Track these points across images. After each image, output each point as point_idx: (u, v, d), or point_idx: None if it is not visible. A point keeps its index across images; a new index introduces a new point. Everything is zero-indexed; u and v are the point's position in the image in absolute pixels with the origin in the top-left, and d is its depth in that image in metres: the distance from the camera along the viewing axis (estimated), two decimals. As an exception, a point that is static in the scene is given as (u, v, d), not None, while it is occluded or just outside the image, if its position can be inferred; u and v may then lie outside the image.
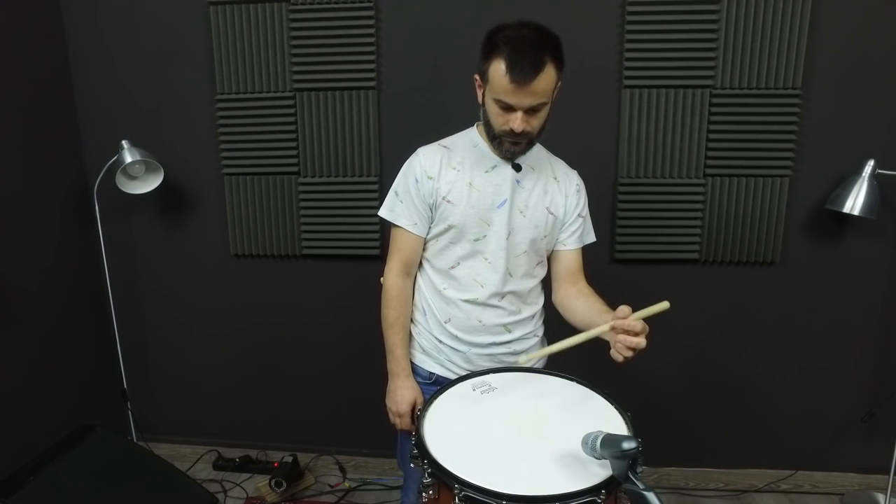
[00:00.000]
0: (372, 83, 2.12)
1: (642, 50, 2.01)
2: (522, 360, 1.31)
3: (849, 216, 2.00)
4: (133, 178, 2.16)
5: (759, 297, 2.21)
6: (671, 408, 2.32)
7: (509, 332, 1.45)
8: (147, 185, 2.16)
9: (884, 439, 2.20)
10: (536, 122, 1.27)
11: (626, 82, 2.04)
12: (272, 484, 2.25)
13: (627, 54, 2.02)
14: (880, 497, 2.22)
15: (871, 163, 1.96)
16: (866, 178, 1.96)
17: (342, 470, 2.46)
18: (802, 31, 1.96)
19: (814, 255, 2.16)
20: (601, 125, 2.10)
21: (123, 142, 2.08)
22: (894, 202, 2.07)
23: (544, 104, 1.24)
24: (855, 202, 1.96)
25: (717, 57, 2.00)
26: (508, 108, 1.23)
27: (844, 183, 2.00)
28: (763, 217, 2.12)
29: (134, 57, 2.22)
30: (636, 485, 0.87)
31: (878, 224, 2.07)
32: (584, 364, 1.40)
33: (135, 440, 2.41)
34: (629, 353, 1.12)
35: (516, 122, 1.23)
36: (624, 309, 1.14)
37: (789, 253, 2.16)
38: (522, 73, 1.17)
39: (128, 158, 2.06)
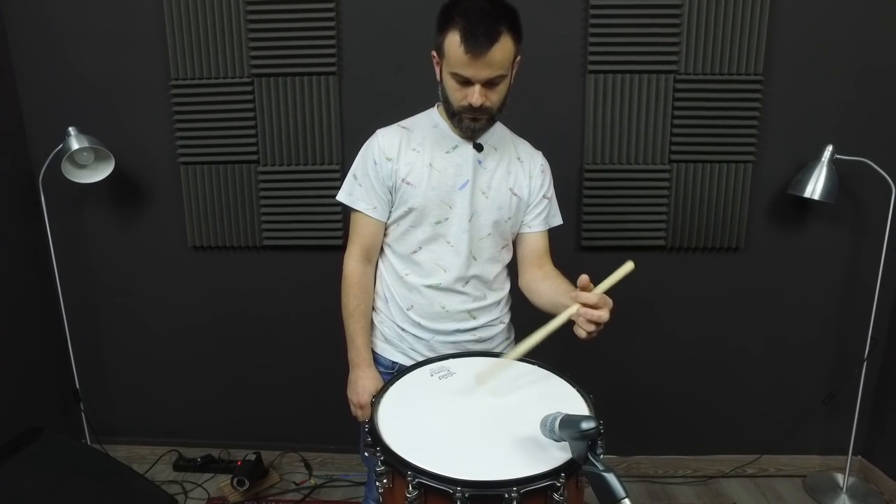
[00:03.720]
0: (333, 69, 2.07)
1: (607, 35, 2.00)
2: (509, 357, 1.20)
3: (810, 201, 2.03)
4: (82, 166, 2.07)
5: (724, 284, 2.23)
6: (639, 396, 2.33)
7: (474, 318, 1.42)
8: (97, 174, 2.07)
9: (843, 421, 2.24)
10: (496, 97, 1.23)
11: (591, 67, 2.03)
12: (234, 483, 2.18)
13: (592, 39, 2.01)
14: (839, 477, 2.26)
15: (830, 148, 1.98)
16: (825, 164, 1.98)
17: (308, 467, 2.40)
18: (763, 16, 1.97)
19: (777, 240, 2.19)
20: (566, 111, 2.09)
21: (70, 128, 1.99)
22: (852, 187, 2.11)
23: (503, 77, 1.20)
24: (815, 187, 1.98)
25: (680, 42, 2.00)
26: (466, 82, 1.20)
27: (805, 168, 2.02)
28: (727, 203, 2.13)
29: (81, 38, 2.11)
30: (596, 466, 0.84)
31: (837, 209, 2.11)
32: (550, 349, 1.37)
33: (88, 442, 2.31)
34: (591, 328, 1.08)
35: (474, 96, 1.19)
36: (584, 278, 1.09)
37: (753, 238, 2.18)
38: (478, 43, 1.13)
39: (75, 145, 1.96)
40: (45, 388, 2.33)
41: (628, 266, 1.09)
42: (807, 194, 1.98)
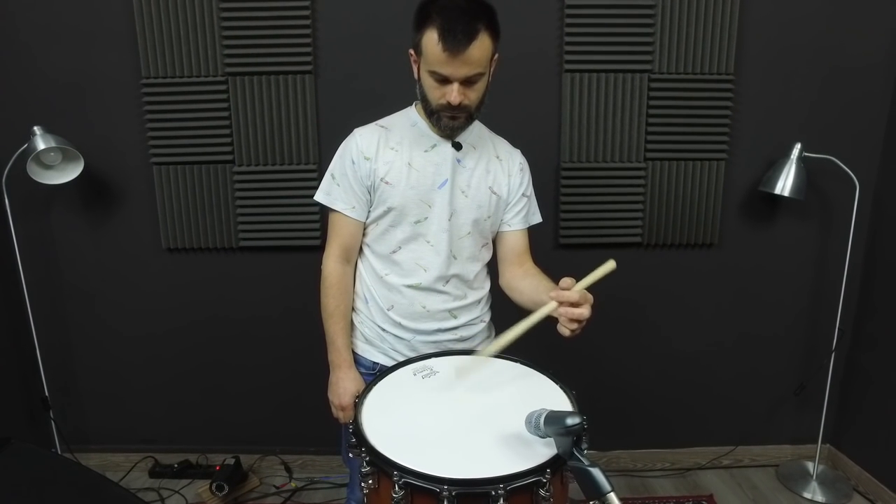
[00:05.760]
0: (308, 67, 2.04)
1: (582, 35, 2.02)
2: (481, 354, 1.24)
3: (780, 197, 2.08)
4: (49, 167, 2.00)
5: (699, 280, 2.27)
6: (617, 391, 2.36)
7: (455, 317, 1.41)
8: (65, 175, 2.01)
9: (813, 410, 2.31)
10: (474, 95, 1.23)
11: (567, 67, 2.04)
12: (213, 488, 2.14)
13: (567, 39, 2.02)
14: (810, 465, 2.33)
15: (798, 146, 2.04)
16: (794, 161, 2.04)
17: (288, 470, 2.37)
18: (733, 17, 2.02)
19: (750, 235, 2.24)
20: (543, 110, 2.10)
21: (36, 128, 1.92)
22: (819, 184, 2.17)
23: (481, 75, 1.20)
24: (785, 184, 2.03)
25: (654, 42, 2.03)
26: (444, 80, 1.19)
27: (775, 165, 2.08)
28: (702, 200, 2.17)
29: (46, 34, 2.04)
30: (581, 462, 0.85)
31: (806, 205, 2.17)
32: (531, 346, 1.38)
33: (59, 451, 2.24)
34: (574, 326, 1.09)
35: (452, 94, 1.19)
36: (567, 280, 1.11)
37: (727, 235, 2.23)
38: (455, 41, 1.13)
39: (41, 145, 1.90)
40: (12, 397, 2.25)
41: (610, 265, 1.09)
42: (777, 191, 2.03)
